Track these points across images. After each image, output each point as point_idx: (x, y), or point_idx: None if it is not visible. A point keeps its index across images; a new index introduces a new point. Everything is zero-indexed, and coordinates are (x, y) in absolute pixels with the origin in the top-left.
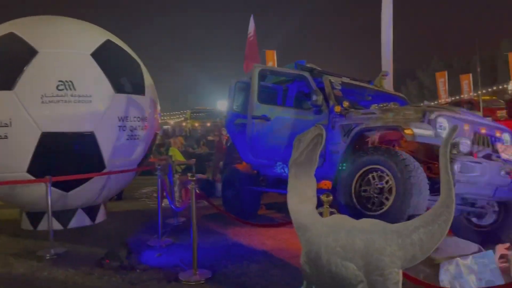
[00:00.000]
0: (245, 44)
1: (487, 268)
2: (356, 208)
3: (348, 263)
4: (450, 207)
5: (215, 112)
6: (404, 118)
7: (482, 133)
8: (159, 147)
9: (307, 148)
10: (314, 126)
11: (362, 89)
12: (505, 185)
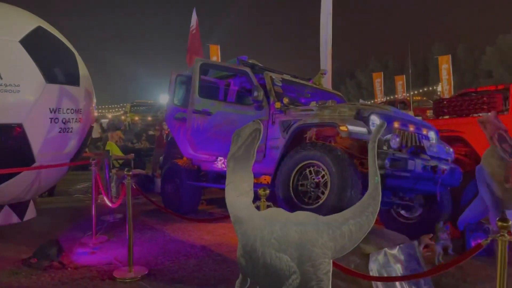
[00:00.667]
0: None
1: (412, 258)
2: (293, 202)
3: (282, 255)
4: (377, 199)
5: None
6: (339, 116)
7: (411, 130)
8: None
9: (245, 142)
10: (253, 121)
11: (302, 87)
12: (430, 179)
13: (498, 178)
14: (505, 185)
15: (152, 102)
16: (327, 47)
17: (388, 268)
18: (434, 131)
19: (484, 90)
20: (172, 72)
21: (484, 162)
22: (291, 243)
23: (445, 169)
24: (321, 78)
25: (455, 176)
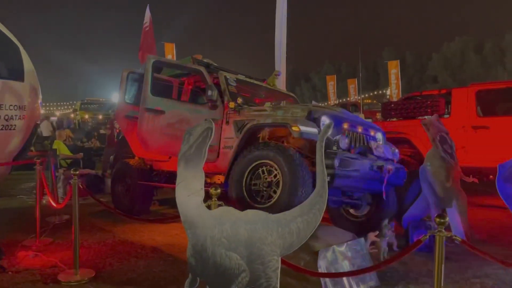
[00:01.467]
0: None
1: (359, 254)
2: (246, 201)
3: (232, 254)
4: (324, 197)
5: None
6: (292, 116)
7: (359, 131)
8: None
9: (197, 141)
10: (204, 120)
11: (256, 87)
12: (376, 178)
13: (440, 177)
14: (446, 184)
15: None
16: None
17: (336, 265)
18: (381, 133)
19: (428, 94)
20: (124, 70)
21: (427, 162)
22: (241, 242)
23: (390, 169)
24: (275, 79)
25: (400, 175)
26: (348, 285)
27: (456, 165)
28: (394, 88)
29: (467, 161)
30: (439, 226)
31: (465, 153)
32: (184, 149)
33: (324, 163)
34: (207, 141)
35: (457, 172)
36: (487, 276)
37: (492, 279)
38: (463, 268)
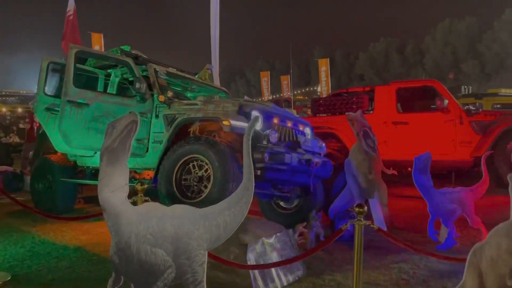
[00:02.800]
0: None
1: (287, 245)
2: (176, 197)
3: (157, 250)
4: (250, 190)
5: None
6: (223, 111)
7: (288, 126)
8: None
9: (121, 135)
10: (129, 112)
11: (188, 81)
12: (304, 172)
13: (363, 170)
14: (369, 177)
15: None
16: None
17: (265, 257)
18: (310, 127)
19: (354, 91)
20: (44, 58)
21: (352, 155)
22: (167, 237)
23: (317, 162)
24: (207, 73)
25: (326, 168)
26: (277, 276)
27: (378, 158)
28: (324, 85)
29: (388, 155)
30: (358, 215)
31: (386, 147)
32: (107, 143)
33: (250, 156)
34: (131, 135)
35: (378, 165)
36: (404, 261)
37: (408, 264)
38: (383, 255)
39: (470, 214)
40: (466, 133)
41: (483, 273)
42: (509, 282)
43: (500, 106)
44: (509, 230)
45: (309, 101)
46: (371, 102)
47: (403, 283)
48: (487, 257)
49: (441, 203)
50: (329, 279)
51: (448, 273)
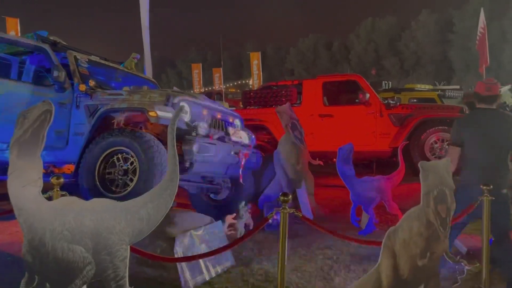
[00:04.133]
0: None
1: (217, 237)
2: (99, 191)
3: (75, 246)
4: (175, 181)
5: None
6: (149, 101)
7: (218, 118)
8: None
9: (33, 125)
10: (42, 101)
11: (112, 70)
12: (234, 163)
13: (291, 161)
14: (296, 167)
15: None
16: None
17: (193, 249)
18: (239, 119)
19: (283, 85)
20: None
21: (280, 147)
22: (86, 233)
23: (247, 154)
24: (133, 62)
25: (256, 160)
26: (205, 268)
27: (305, 150)
28: (256, 79)
29: (315, 146)
30: (283, 203)
31: (313, 139)
32: (18, 135)
33: (175, 147)
34: (45, 125)
35: (305, 156)
36: (329, 247)
37: (333, 250)
38: (309, 242)
39: (388, 200)
40: (385, 125)
41: (397, 254)
42: (419, 262)
43: (416, 100)
44: (419, 214)
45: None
46: (299, 95)
47: (327, 268)
48: (400, 240)
49: (362, 191)
50: (257, 268)
51: (368, 257)
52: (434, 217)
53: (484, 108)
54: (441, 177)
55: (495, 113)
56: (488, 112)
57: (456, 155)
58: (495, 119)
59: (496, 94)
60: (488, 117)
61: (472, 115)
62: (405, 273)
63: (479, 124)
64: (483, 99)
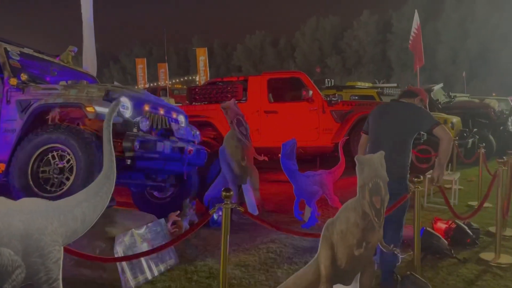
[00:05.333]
0: None
1: (159, 235)
2: (32, 191)
3: (3, 249)
4: (112, 179)
5: None
6: (87, 96)
7: (161, 113)
8: None
9: None
10: None
11: (47, 63)
12: (178, 160)
13: (236, 157)
14: (242, 163)
15: None
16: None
17: (134, 248)
18: (183, 115)
19: (228, 81)
20: None
21: (226, 143)
22: (14, 235)
23: (191, 150)
24: (70, 56)
25: (200, 156)
26: (147, 267)
27: (250, 146)
28: (203, 75)
29: (261, 142)
30: (225, 199)
31: (259, 135)
32: None
33: (111, 143)
34: None
35: (251, 152)
36: (273, 241)
37: (276, 243)
38: (254, 237)
39: (330, 194)
40: (327, 121)
41: (335, 245)
42: (356, 251)
43: (357, 97)
44: (356, 206)
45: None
46: (245, 91)
47: (270, 261)
48: (337, 231)
49: (304, 185)
50: (201, 265)
51: (310, 249)
52: (369, 208)
53: (395, 100)
54: (375, 170)
55: (400, 105)
56: (393, 104)
57: (364, 142)
58: (399, 111)
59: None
60: (390, 108)
61: (383, 106)
62: (343, 263)
63: (381, 114)
64: (404, 93)
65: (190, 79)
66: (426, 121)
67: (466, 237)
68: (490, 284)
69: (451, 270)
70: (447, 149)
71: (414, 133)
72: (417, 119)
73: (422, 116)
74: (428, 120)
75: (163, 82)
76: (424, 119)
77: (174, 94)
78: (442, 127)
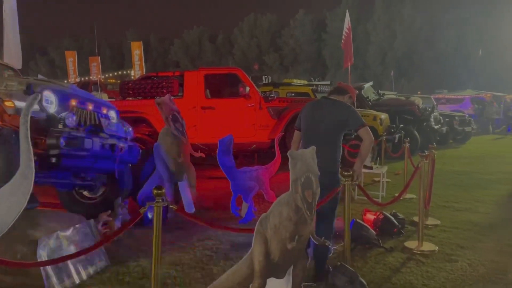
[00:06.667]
0: None
1: (88, 237)
2: None
3: None
4: (30, 178)
5: None
6: (5, 90)
7: (89, 109)
8: None
9: None
10: None
11: None
12: (109, 157)
13: (172, 154)
14: (178, 160)
15: None
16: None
17: (60, 251)
18: (115, 111)
19: (164, 75)
20: None
21: (161, 140)
22: None
23: (123, 147)
24: None
25: (133, 153)
26: (75, 270)
27: (186, 142)
28: (138, 69)
29: (198, 139)
30: (156, 197)
31: (196, 131)
32: None
33: (29, 140)
34: None
35: (187, 148)
36: (209, 238)
37: (213, 240)
38: (190, 235)
39: (266, 189)
40: (264, 118)
41: (268, 240)
42: (289, 245)
43: (293, 94)
44: (289, 200)
45: None
46: (181, 87)
47: (206, 259)
48: (271, 225)
49: (241, 181)
50: (134, 266)
51: (247, 244)
52: (301, 202)
53: (325, 98)
54: (307, 165)
55: (330, 102)
56: (325, 100)
57: (297, 138)
58: (327, 107)
59: (343, 88)
60: (322, 105)
61: (314, 102)
62: (276, 257)
63: (312, 111)
64: (334, 90)
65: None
66: (354, 121)
67: (393, 227)
68: (413, 271)
69: (379, 259)
70: (368, 149)
71: (344, 130)
72: (346, 118)
73: (351, 115)
74: (356, 120)
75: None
76: (353, 119)
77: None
78: (366, 129)
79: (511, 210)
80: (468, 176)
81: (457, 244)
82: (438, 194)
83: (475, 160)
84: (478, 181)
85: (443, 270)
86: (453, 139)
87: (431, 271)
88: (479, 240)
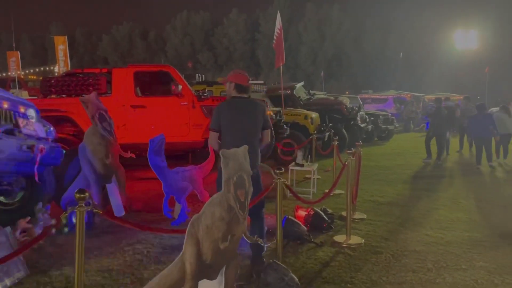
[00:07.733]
0: None
1: (4, 246)
2: None
3: None
4: None
5: None
6: None
7: (5, 107)
8: None
9: None
10: None
11: None
12: (27, 159)
13: (99, 155)
14: (106, 161)
15: None
16: None
17: None
18: (34, 109)
19: (90, 72)
20: None
21: (86, 140)
22: None
23: (43, 148)
24: None
25: (55, 155)
26: None
27: (115, 142)
28: (63, 65)
29: (128, 138)
30: (79, 201)
31: (125, 131)
32: None
33: None
34: None
35: (115, 149)
36: (139, 242)
37: (143, 244)
38: (119, 239)
39: (199, 189)
40: (198, 117)
41: (200, 241)
42: (221, 245)
43: None
44: (221, 200)
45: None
46: (109, 84)
47: (136, 263)
48: (203, 226)
49: (174, 181)
50: (56, 275)
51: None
52: (234, 201)
53: (239, 97)
54: (240, 164)
55: (248, 101)
56: (242, 100)
57: (215, 139)
58: (247, 106)
59: (250, 86)
60: (242, 104)
61: (230, 102)
62: (208, 258)
63: (235, 110)
64: (244, 89)
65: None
66: (267, 122)
67: (323, 222)
68: (342, 264)
69: (310, 254)
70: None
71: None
72: (264, 117)
73: (266, 116)
74: (268, 122)
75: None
76: (267, 120)
77: (28, 86)
78: (270, 131)
79: (429, 202)
80: (391, 171)
81: (381, 236)
82: (365, 189)
83: (397, 156)
84: (400, 176)
85: (369, 262)
86: (378, 137)
87: (358, 264)
88: (400, 232)
